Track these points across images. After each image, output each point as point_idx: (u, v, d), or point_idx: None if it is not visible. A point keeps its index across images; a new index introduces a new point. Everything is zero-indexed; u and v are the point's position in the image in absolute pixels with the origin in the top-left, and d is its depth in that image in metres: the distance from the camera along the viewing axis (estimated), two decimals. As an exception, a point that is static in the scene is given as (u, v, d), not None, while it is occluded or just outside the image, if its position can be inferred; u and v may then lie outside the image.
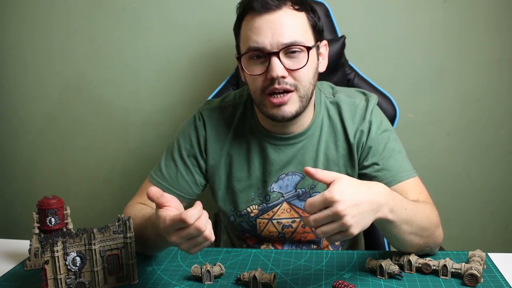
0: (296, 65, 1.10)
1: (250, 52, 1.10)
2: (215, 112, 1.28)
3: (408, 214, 0.99)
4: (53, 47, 1.92)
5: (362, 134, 1.20)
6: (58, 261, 0.94)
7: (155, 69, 1.89)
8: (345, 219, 0.84)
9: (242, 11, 1.14)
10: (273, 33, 1.08)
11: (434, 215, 1.09)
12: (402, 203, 0.98)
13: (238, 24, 1.16)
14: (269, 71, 1.08)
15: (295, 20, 1.10)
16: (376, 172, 1.18)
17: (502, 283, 0.98)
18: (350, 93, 1.26)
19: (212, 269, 1.03)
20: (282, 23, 1.08)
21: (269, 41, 1.08)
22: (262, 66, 1.10)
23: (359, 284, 0.99)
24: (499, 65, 1.78)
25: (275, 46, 1.08)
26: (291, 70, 1.09)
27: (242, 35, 1.14)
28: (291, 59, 1.10)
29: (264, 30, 1.08)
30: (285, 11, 1.09)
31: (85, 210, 2.02)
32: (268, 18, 1.08)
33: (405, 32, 1.77)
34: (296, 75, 1.10)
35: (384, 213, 0.92)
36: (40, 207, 1.08)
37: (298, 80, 1.11)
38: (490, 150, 1.85)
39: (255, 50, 1.09)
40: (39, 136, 2.01)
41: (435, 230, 1.07)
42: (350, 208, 0.85)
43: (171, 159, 1.27)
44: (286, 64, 1.09)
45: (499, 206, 1.90)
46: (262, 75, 1.11)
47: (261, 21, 1.09)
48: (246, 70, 1.12)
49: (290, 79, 1.10)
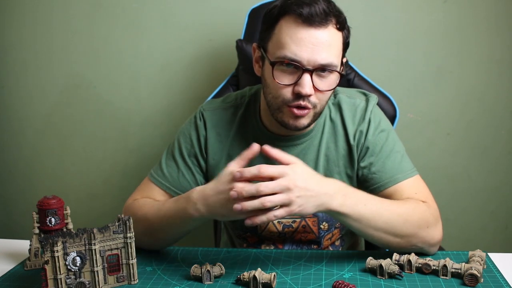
0: (325, 86, 1.09)
1: (286, 61, 1.07)
2: (216, 113, 1.28)
3: (369, 210, 1.03)
4: (53, 47, 1.92)
5: (361, 134, 1.20)
6: (58, 261, 0.94)
7: (155, 69, 1.89)
8: (292, 194, 0.94)
9: (285, 9, 1.08)
10: (313, 50, 1.05)
11: (421, 215, 1.08)
12: (359, 199, 1.04)
13: (275, 19, 1.10)
14: (299, 86, 1.07)
15: (335, 41, 1.08)
16: (372, 173, 1.18)
17: (502, 283, 0.98)
18: (350, 94, 1.26)
19: (212, 269, 1.03)
20: (324, 42, 1.06)
21: (307, 57, 1.05)
22: (291, 76, 1.08)
23: (359, 284, 0.99)
24: (499, 65, 1.78)
25: (312, 63, 1.06)
26: (318, 90, 1.09)
27: (278, 35, 1.09)
28: (321, 79, 1.09)
29: (305, 44, 1.05)
30: (329, 29, 1.07)
31: (85, 210, 2.03)
32: (313, 33, 1.05)
33: (405, 32, 1.77)
34: (320, 95, 1.10)
35: (333, 206, 1.00)
36: (40, 207, 1.08)
37: (319, 99, 1.11)
38: (490, 150, 1.85)
39: (290, 61, 1.07)
40: (39, 136, 2.01)
41: (418, 230, 1.07)
42: (298, 188, 0.95)
43: (172, 159, 1.27)
44: (315, 83, 1.08)
45: (499, 206, 1.90)
46: (288, 86, 1.09)
47: (305, 33, 1.05)
48: (274, 75, 1.09)
49: (314, 98, 1.10)
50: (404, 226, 1.06)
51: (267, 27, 1.12)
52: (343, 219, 1.03)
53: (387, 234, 1.06)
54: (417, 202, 1.12)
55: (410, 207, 1.09)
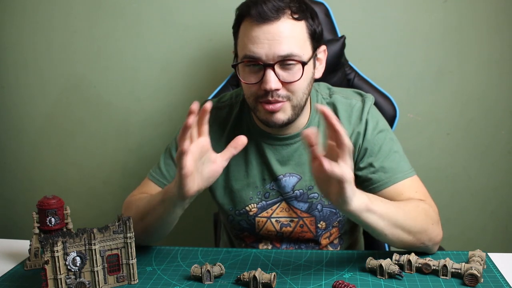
0: (291, 77, 1.09)
1: (245, 60, 1.10)
2: (212, 112, 1.28)
3: (387, 207, 1.02)
4: (53, 47, 1.92)
5: (359, 135, 1.21)
6: (58, 261, 0.94)
7: (155, 69, 1.89)
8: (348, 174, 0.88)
9: (240, 15, 1.13)
10: (270, 45, 1.06)
11: (426, 212, 1.09)
12: (375, 197, 1.02)
13: (236, 25, 1.15)
14: (263, 83, 1.08)
15: (294, 31, 1.08)
16: (371, 173, 1.18)
17: (502, 283, 0.98)
18: (346, 94, 1.26)
19: (212, 269, 1.03)
20: (280, 34, 1.06)
21: (265, 52, 1.07)
22: (256, 75, 1.10)
23: (359, 284, 0.99)
24: (499, 65, 1.78)
25: (271, 58, 1.07)
26: (285, 82, 1.09)
27: (240, 39, 1.13)
28: (287, 71, 1.09)
29: (261, 41, 1.07)
30: (284, 21, 1.07)
31: (85, 210, 2.03)
32: (266, 29, 1.07)
33: (405, 32, 1.77)
34: (289, 87, 1.10)
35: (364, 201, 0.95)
36: (40, 207, 1.08)
37: (291, 92, 1.11)
38: (490, 150, 1.85)
39: (250, 59, 1.09)
40: (39, 136, 2.01)
41: (426, 227, 1.07)
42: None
43: (169, 157, 1.28)
44: (281, 76, 1.09)
45: (499, 206, 1.90)
46: (256, 84, 1.11)
47: (259, 30, 1.07)
48: (241, 77, 1.13)
49: (283, 91, 1.10)
50: (415, 222, 1.06)
51: (234, 34, 1.17)
52: (368, 217, 0.97)
53: (404, 232, 1.04)
54: (418, 200, 1.13)
55: (415, 205, 1.09)
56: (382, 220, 1.00)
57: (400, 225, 1.03)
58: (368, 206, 0.96)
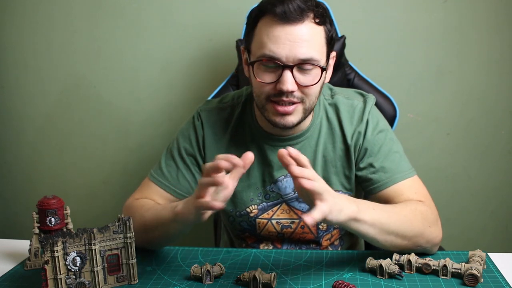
0: (308, 81, 1.09)
1: (264, 59, 1.08)
2: (213, 113, 1.28)
3: (380, 214, 1.02)
4: (53, 47, 1.92)
5: (359, 135, 1.21)
6: (58, 261, 0.94)
7: (155, 69, 1.89)
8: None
9: (261, 11, 1.10)
10: (291, 46, 1.05)
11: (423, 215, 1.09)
12: (367, 205, 1.03)
13: (254, 20, 1.12)
14: (280, 84, 1.07)
15: (315, 35, 1.08)
16: (371, 174, 1.18)
17: (502, 283, 0.98)
18: (348, 94, 1.26)
19: (212, 269, 1.03)
20: (302, 37, 1.06)
21: (285, 54, 1.06)
22: (272, 74, 1.09)
23: (359, 284, 0.99)
24: (499, 65, 1.78)
25: (291, 59, 1.06)
26: (302, 85, 1.09)
27: (257, 36, 1.10)
28: (304, 74, 1.09)
29: (282, 41, 1.06)
30: (307, 24, 1.07)
31: (85, 210, 2.03)
32: (289, 30, 1.05)
33: (405, 32, 1.77)
34: (305, 90, 1.10)
35: (351, 211, 0.96)
36: (40, 207, 1.08)
37: (306, 95, 1.11)
38: (490, 150, 1.85)
39: (269, 59, 1.07)
40: (39, 136, 2.01)
41: (423, 230, 1.07)
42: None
43: (171, 158, 1.27)
44: (298, 79, 1.08)
45: (499, 206, 1.90)
46: (271, 83, 1.10)
47: (281, 30, 1.06)
48: (256, 74, 1.11)
49: (298, 93, 1.10)
50: (411, 227, 1.06)
51: (249, 29, 1.14)
52: (357, 227, 0.99)
53: (397, 237, 1.04)
54: (416, 203, 1.12)
55: (412, 209, 1.09)
56: (373, 228, 1.01)
57: (393, 232, 1.03)
58: (355, 216, 0.97)
